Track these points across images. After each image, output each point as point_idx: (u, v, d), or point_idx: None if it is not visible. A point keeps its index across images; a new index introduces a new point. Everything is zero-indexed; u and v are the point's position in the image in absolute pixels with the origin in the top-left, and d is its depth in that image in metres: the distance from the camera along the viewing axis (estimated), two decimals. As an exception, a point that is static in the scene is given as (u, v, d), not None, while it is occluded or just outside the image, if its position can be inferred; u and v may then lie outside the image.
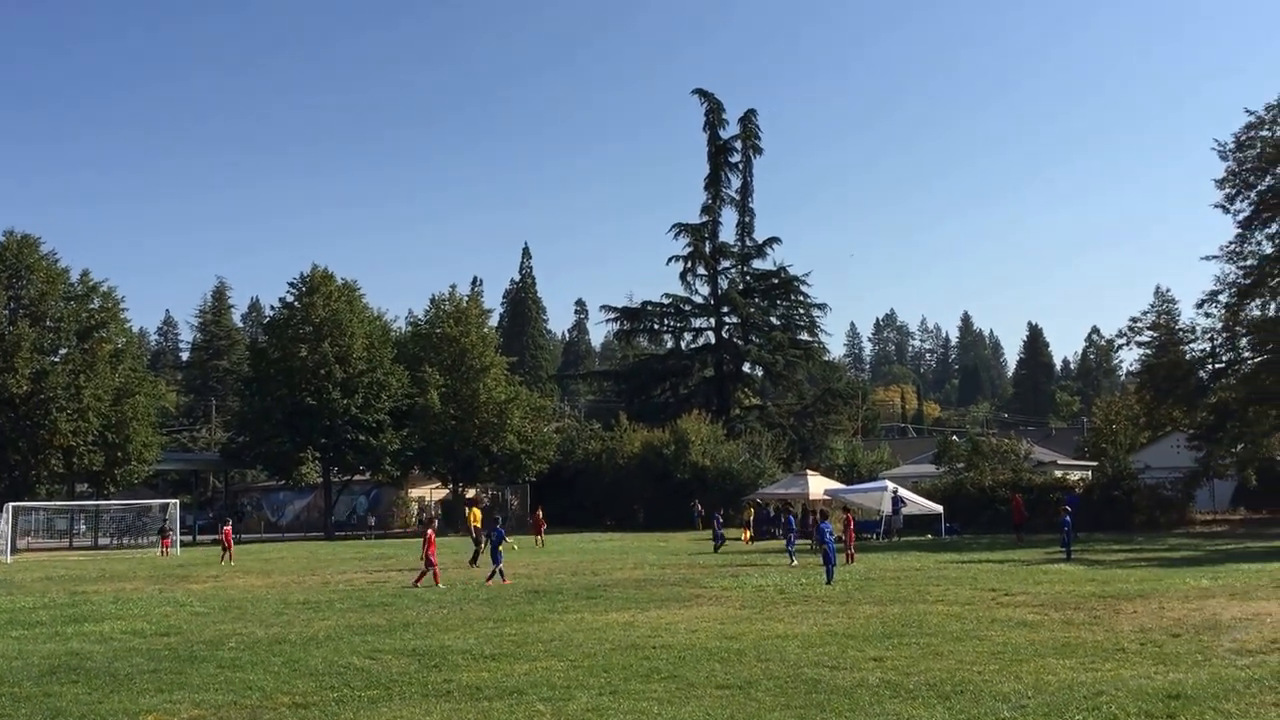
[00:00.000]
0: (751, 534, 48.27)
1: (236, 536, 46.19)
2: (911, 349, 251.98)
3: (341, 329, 65.02)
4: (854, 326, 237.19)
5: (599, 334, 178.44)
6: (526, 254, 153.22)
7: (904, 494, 49.35)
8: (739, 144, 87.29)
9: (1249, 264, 49.78)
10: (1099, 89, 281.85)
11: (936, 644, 15.83)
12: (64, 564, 43.46)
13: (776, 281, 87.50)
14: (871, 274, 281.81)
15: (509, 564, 30.44)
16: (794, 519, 40.77)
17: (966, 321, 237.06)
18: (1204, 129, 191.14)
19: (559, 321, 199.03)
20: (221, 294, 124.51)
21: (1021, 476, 54.93)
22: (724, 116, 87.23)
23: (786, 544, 34.85)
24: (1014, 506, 46.56)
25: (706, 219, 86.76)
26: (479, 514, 39.01)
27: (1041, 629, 17.30)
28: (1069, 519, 34.34)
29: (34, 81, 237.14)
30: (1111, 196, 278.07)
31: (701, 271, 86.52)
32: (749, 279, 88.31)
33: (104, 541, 62.19)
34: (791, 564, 32.65)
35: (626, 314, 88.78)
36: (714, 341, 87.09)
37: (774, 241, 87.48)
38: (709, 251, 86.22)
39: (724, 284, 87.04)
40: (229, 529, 43.99)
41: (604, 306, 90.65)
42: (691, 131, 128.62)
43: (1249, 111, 48.76)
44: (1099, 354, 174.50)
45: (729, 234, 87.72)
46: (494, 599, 23.98)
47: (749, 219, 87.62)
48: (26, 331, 57.17)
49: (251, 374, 70.47)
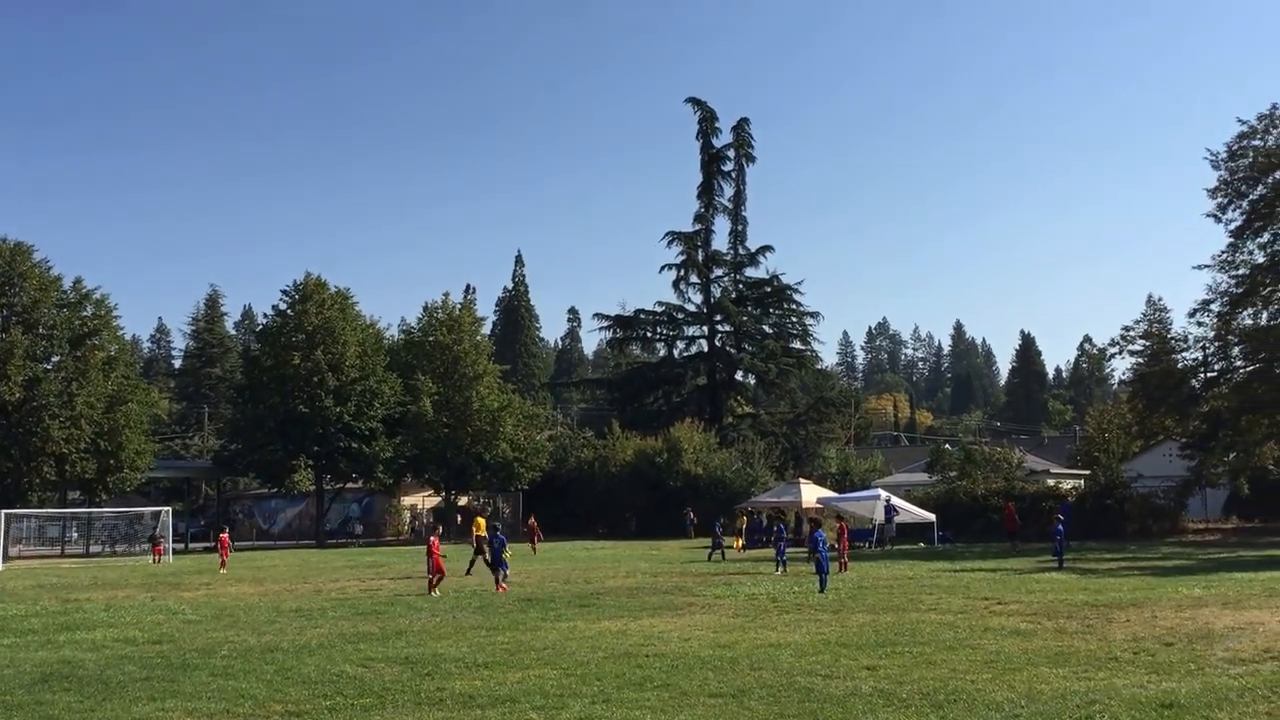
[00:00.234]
0: (744, 542, 48.22)
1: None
2: (904, 357, 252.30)
3: (334, 337, 64.97)
4: (847, 335, 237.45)
5: (591, 342, 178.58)
6: (519, 262, 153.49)
7: (897, 502, 49.39)
8: (732, 152, 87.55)
9: (1241, 273, 49.95)
10: (1092, 102, 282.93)
11: (929, 653, 15.83)
12: (56, 572, 43.30)
13: (769, 290, 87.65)
14: (864, 283, 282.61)
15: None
16: (784, 528, 40.69)
17: (959, 330, 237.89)
18: (1195, 140, 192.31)
19: (551, 329, 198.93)
20: (214, 301, 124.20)
21: (1014, 485, 55.09)
22: (717, 125, 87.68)
23: (777, 553, 34.75)
24: (1007, 515, 46.63)
25: (699, 227, 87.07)
26: (483, 523, 38.85)
27: (1034, 638, 17.31)
28: (1061, 527, 34.41)
29: (26, 87, 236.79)
30: (1103, 207, 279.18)
31: (694, 280, 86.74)
32: (742, 287, 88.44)
33: (96, 549, 61.96)
34: (777, 573, 32.55)
35: (619, 322, 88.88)
36: (707, 349, 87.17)
37: (767, 250, 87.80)
38: (702, 260, 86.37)
39: (717, 292, 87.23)
40: (225, 536, 43.88)
41: (597, 314, 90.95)
42: (684, 140, 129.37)
43: (1241, 121, 49.11)
44: (1091, 363, 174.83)
45: (722, 242, 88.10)
46: (486, 607, 23.94)
47: (742, 227, 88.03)
48: (19, 339, 57.00)
49: (244, 381, 70.45)
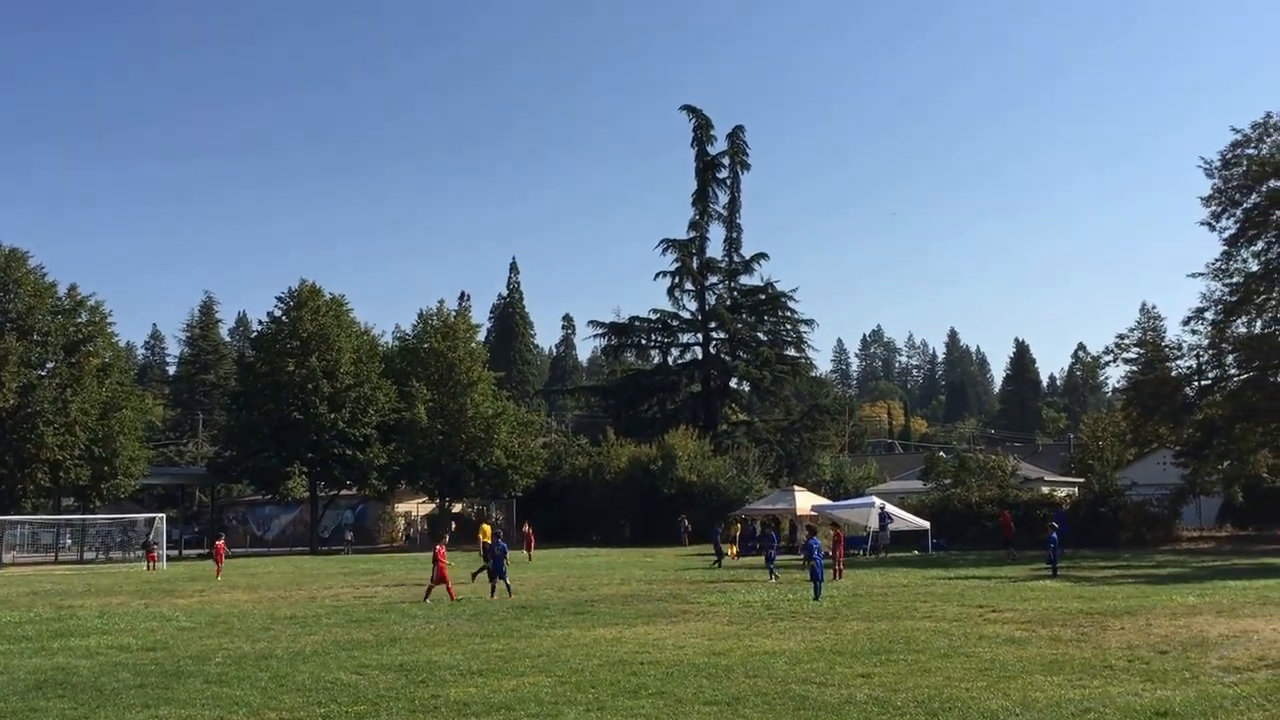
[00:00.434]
0: (738, 550, 48.22)
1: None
2: (898, 365, 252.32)
3: (329, 343, 64.88)
4: (841, 343, 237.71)
5: (586, 349, 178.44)
6: (514, 269, 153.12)
7: (891, 510, 49.38)
8: (727, 160, 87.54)
9: (1235, 281, 49.97)
10: (1086, 113, 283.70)
11: (924, 661, 15.85)
12: (49, 578, 43.19)
13: (764, 297, 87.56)
14: (858, 291, 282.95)
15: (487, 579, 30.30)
16: (775, 536, 40.64)
17: (953, 337, 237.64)
18: (1189, 149, 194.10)
19: (546, 336, 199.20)
20: (209, 308, 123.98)
21: (1008, 493, 55.06)
22: (712, 133, 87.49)
23: (766, 560, 34.66)
24: (1002, 523, 46.63)
25: (694, 235, 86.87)
26: (489, 529, 38.89)
27: (1029, 646, 17.32)
28: (1055, 535, 34.42)
29: (21, 98, 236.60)
30: (1097, 216, 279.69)
31: (689, 287, 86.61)
32: (736, 294, 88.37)
33: (90, 556, 61.82)
34: (771, 580, 32.53)
35: (614, 329, 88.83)
36: (701, 357, 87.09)
37: (761, 257, 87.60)
38: (696, 267, 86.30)
39: (711, 299, 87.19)
40: (221, 543, 43.76)
41: (591, 322, 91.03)
42: (680, 148, 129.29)
43: (1235, 130, 49.10)
44: (1085, 370, 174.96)
45: (716, 250, 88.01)
46: (481, 614, 23.93)
47: (737, 235, 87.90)
48: (13, 345, 56.96)
49: (239, 388, 70.31)
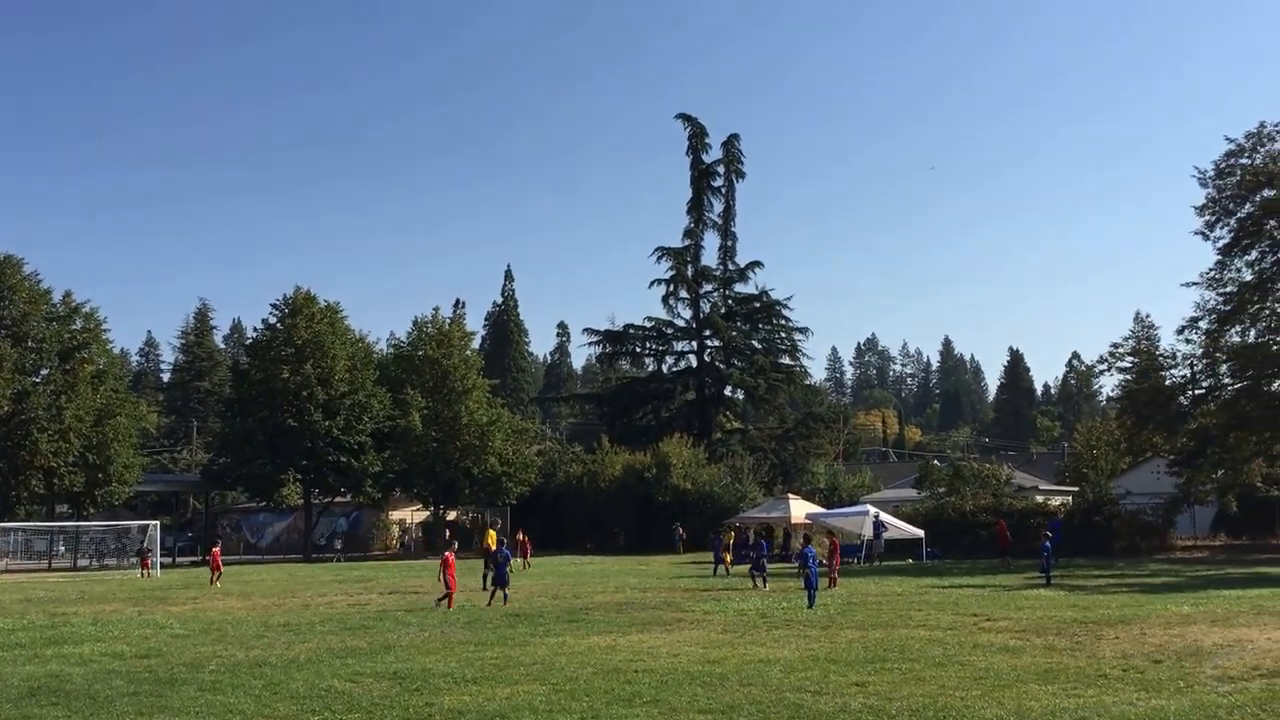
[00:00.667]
0: (732, 558, 48.15)
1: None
2: (893, 373, 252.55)
3: (324, 351, 64.87)
4: (835, 351, 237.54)
5: (581, 357, 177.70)
6: (509, 277, 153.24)
7: (885, 518, 49.38)
8: (721, 168, 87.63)
9: (1229, 290, 50.05)
10: (1080, 120, 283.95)
11: (918, 669, 15.85)
12: (43, 585, 43.08)
13: (758, 305, 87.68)
14: (853, 299, 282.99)
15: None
16: (767, 544, 40.56)
17: (947, 346, 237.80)
18: (1183, 158, 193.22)
19: (541, 344, 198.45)
20: (204, 315, 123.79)
21: (1002, 501, 55.10)
22: (707, 141, 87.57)
23: (757, 568, 34.50)
24: (999, 531, 46.61)
25: (689, 243, 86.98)
26: (494, 535, 38.86)
27: (1023, 654, 17.33)
28: (1049, 544, 34.44)
29: (16, 104, 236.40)
30: (1091, 224, 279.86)
31: (683, 295, 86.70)
32: (731, 303, 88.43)
33: (83, 563, 61.61)
34: (757, 587, 32.51)
35: (608, 337, 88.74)
36: (695, 365, 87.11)
37: (756, 265, 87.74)
38: (691, 275, 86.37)
39: (706, 307, 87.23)
40: (217, 550, 43.58)
41: (586, 329, 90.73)
42: (674, 156, 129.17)
43: (1229, 139, 49.20)
44: (1079, 379, 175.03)
45: (711, 258, 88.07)
46: (475, 622, 23.90)
47: (731, 243, 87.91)
48: (8, 352, 56.93)
49: (233, 395, 70.29)
